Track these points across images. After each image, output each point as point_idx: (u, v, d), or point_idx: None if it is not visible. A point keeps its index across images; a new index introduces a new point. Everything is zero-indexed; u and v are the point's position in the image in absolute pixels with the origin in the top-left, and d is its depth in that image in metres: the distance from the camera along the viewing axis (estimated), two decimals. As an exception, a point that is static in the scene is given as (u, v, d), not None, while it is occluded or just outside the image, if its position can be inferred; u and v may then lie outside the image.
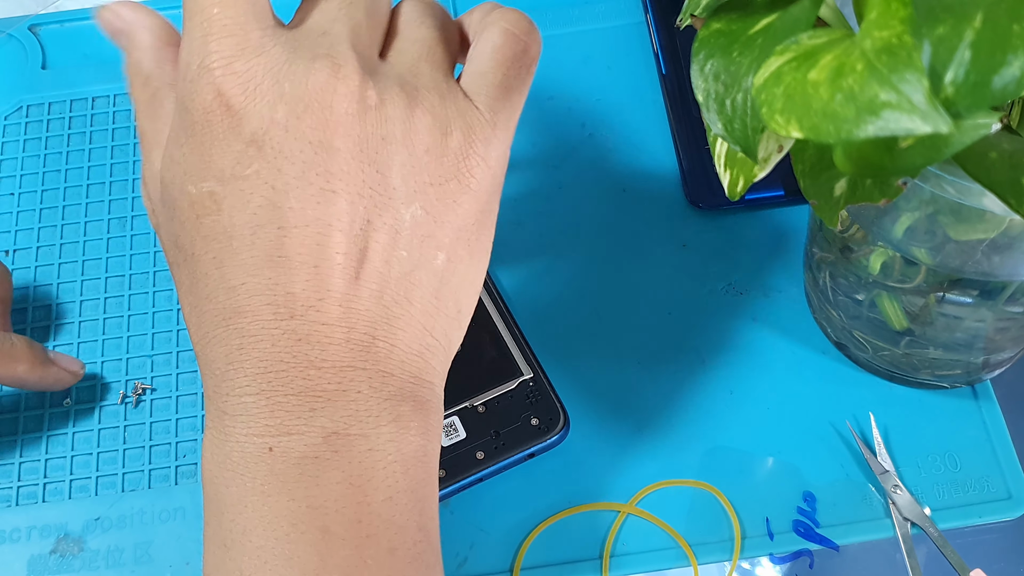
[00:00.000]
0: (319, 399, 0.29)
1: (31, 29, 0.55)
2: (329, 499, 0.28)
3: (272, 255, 0.28)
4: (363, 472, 0.29)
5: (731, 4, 0.28)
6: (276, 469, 0.28)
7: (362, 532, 0.28)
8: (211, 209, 0.29)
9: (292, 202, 0.28)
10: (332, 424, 0.28)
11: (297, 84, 0.28)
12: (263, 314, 0.28)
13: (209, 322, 0.29)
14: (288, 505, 0.28)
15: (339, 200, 0.28)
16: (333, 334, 0.29)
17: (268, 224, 0.28)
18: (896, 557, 0.40)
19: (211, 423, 0.30)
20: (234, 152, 0.28)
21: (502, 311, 0.44)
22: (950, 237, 0.33)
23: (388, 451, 0.29)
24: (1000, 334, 0.39)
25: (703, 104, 0.27)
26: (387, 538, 0.29)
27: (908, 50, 0.20)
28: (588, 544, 0.41)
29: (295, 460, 0.28)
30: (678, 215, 0.48)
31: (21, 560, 0.41)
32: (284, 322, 0.28)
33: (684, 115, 0.50)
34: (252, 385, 0.29)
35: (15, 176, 0.50)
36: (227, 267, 0.29)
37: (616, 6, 0.54)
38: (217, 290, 0.29)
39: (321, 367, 0.29)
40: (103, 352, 0.46)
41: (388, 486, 0.29)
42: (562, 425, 0.41)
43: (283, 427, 0.28)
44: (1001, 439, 0.42)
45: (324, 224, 0.28)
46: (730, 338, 0.45)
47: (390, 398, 0.29)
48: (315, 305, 0.28)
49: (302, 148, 0.28)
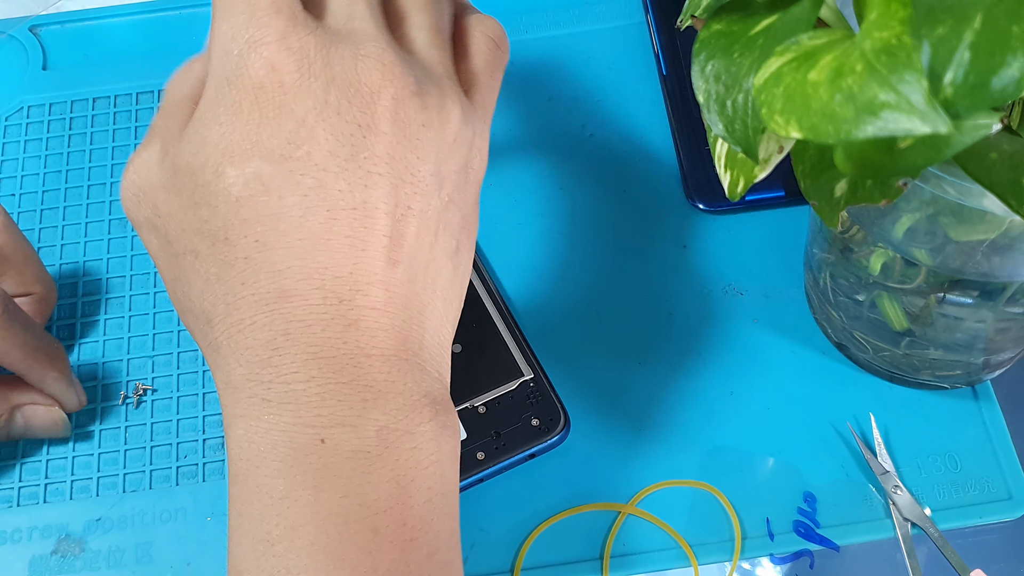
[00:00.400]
0: (371, 390, 0.28)
1: (32, 30, 0.55)
2: (380, 498, 0.27)
3: (321, 237, 0.28)
4: (408, 471, 0.28)
5: (732, 5, 0.28)
6: (328, 462, 0.27)
7: (406, 535, 0.28)
8: (256, 190, 0.28)
9: (342, 184, 0.28)
10: (384, 418, 0.28)
11: (347, 67, 0.28)
12: (312, 298, 0.28)
13: (247, 307, 0.28)
14: (340, 502, 0.27)
15: (384, 183, 0.28)
16: (380, 320, 0.28)
17: (318, 206, 0.28)
18: (896, 557, 0.40)
19: (246, 411, 0.28)
20: (285, 131, 0.28)
21: (502, 311, 0.44)
22: (950, 238, 0.33)
23: (430, 450, 0.29)
24: (1000, 335, 0.39)
25: (704, 105, 0.27)
26: (426, 542, 0.28)
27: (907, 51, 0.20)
28: (588, 544, 0.41)
29: (347, 454, 0.27)
30: (678, 215, 0.48)
31: (22, 560, 0.41)
32: (333, 307, 0.28)
33: (684, 116, 0.50)
34: (301, 372, 0.28)
35: (16, 177, 0.50)
36: (272, 250, 0.28)
37: (617, 7, 0.54)
38: (259, 274, 0.28)
39: (371, 355, 0.28)
40: (104, 353, 0.46)
41: (428, 488, 0.28)
42: (562, 425, 0.41)
43: (336, 417, 0.27)
44: (1001, 439, 0.42)
45: (371, 207, 0.28)
46: (730, 338, 0.45)
47: (427, 394, 0.29)
48: (363, 289, 0.28)
49: (352, 131, 0.28)
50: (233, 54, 0.28)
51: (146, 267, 0.48)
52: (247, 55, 0.28)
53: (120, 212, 0.49)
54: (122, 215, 0.49)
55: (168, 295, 0.32)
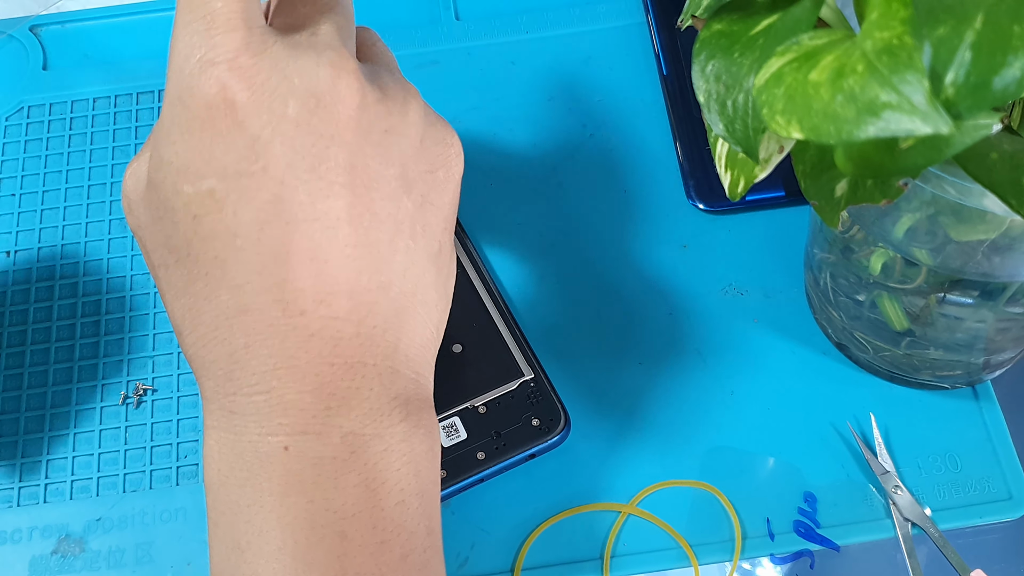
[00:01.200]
0: (334, 397, 0.28)
1: (32, 30, 0.55)
2: (347, 502, 0.28)
3: (280, 251, 0.28)
4: (378, 475, 0.28)
5: (732, 5, 0.28)
6: (293, 469, 0.28)
7: (377, 538, 0.28)
8: (211, 208, 0.28)
9: (302, 196, 0.28)
10: (349, 424, 0.28)
11: (307, 79, 0.28)
12: (271, 311, 0.28)
13: (209, 322, 0.28)
14: (307, 507, 0.27)
15: (347, 193, 0.28)
16: (344, 329, 0.28)
17: (275, 220, 0.28)
18: (897, 557, 0.40)
19: (215, 423, 0.29)
20: (239, 148, 0.27)
21: (502, 311, 0.44)
22: (951, 238, 0.33)
23: (402, 451, 0.29)
24: (1001, 335, 0.39)
25: (704, 105, 0.27)
26: (399, 544, 0.28)
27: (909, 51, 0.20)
28: (589, 544, 0.41)
29: (312, 460, 0.28)
30: (679, 215, 0.48)
31: (23, 561, 0.41)
32: (294, 318, 0.28)
33: (685, 116, 0.50)
34: (262, 383, 0.28)
35: (16, 177, 0.50)
36: (231, 265, 0.28)
37: (617, 7, 0.54)
38: (219, 289, 0.28)
39: (334, 363, 0.28)
40: (104, 352, 0.46)
41: (400, 489, 0.29)
42: (563, 425, 0.41)
43: (298, 426, 0.28)
44: (1002, 440, 0.42)
45: (333, 217, 0.28)
46: (731, 338, 0.45)
47: (398, 396, 0.29)
48: (325, 300, 0.28)
49: (314, 142, 0.28)
50: (185, 73, 0.28)
51: (145, 267, 0.48)
52: (198, 75, 0.28)
53: (120, 212, 0.49)
54: (122, 215, 0.49)
55: None
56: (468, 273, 0.45)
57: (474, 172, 0.49)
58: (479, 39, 0.53)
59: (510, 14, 0.54)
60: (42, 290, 0.47)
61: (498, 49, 0.53)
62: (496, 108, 0.51)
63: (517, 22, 0.54)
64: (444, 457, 0.41)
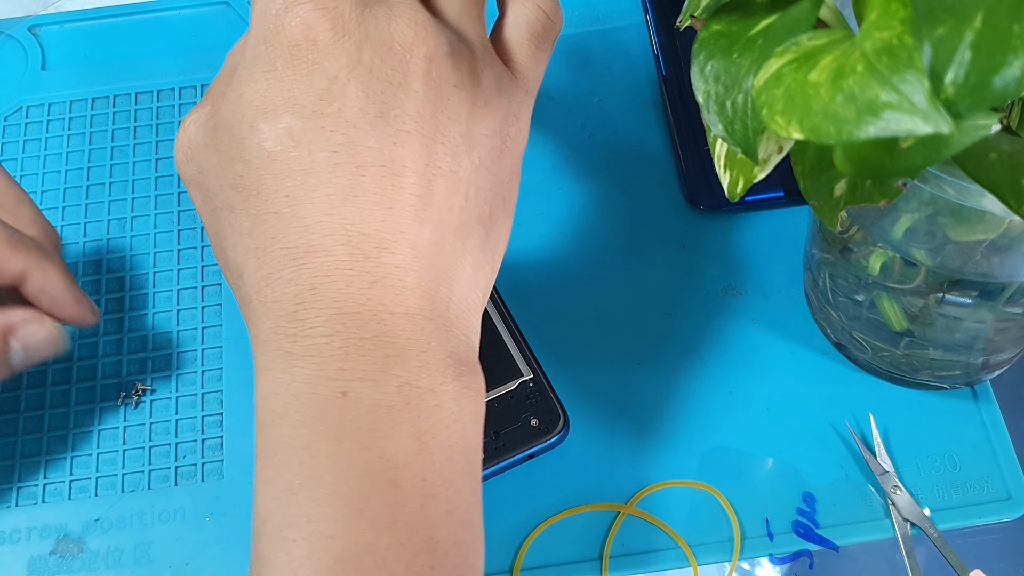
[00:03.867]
0: (393, 346, 0.28)
1: (31, 30, 0.55)
2: (400, 452, 0.28)
3: (348, 194, 0.28)
4: (430, 428, 0.28)
5: (731, 5, 0.28)
6: (349, 415, 0.28)
7: (426, 491, 0.28)
8: (288, 145, 0.28)
9: (371, 141, 0.28)
10: (406, 374, 0.28)
11: (380, 27, 0.29)
12: (338, 253, 0.28)
13: (276, 261, 0.29)
14: (361, 454, 0.27)
15: (414, 142, 0.29)
16: (406, 278, 0.29)
17: (347, 162, 0.28)
18: (896, 558, 0.40)
19: (272, 364, 0.29)
20: (317, 89, 0.28)
21: (502, 312, 0.44)
22: (950, 238, 0.33)
23: (452, 409, 0.29)
24: (1000, 335, 0.39)
25: (703, 105, 0.27)
26: (447, 499, 0.28)
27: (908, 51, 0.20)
28: (588, 544, 0.41)
29: (368, 407, 0.28)
30: (678, 216, 0.48)
31: (21, 561, 0.41)
32: (359, 263, 0.28)
33: (684, 116, 0.50)
34: (325, 326, 0.28)
35: (15, 177, 0.50)
36: (301, 205, 0.28)
37: (616, 7, 0.54)
38: (288, 228, 0.29)
39: (395, 312, 0.28)
40: (103, 352, 0.46)
41: (449, 446, 0.29)
42: (562, 426, 0.41)
43: (358, 372, 0.28)
44: (1001, 440, 0.42)
45: (400, 165, 0.29)
46: (730, 339, 0.45)
47: (451, 355, 0.29)
48: (389, 247, 0.28)
49: (383, 88, 0.29)
50: (271, 14, 0.29)
51: (145, 267, 0.48)
52: (283, 14, 0.29)
53: (119, 213, 0.49)
54: (121, 216, 0.49)
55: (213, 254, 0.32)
56: (467, 273, 0.45)
57: (473, 172, 0.49)
58: (478, 39, 0.53)
59: (509, 14, 0.54)
60: (41, 290, 0.47)
61: (497, 49, 0.53)
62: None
63: (516, 22, 0.54)
64: (443, 457, 0.41)
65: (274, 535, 0.28)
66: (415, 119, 0.29)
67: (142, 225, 0.49)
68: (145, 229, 0.49)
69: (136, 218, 0.49)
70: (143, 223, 0.49)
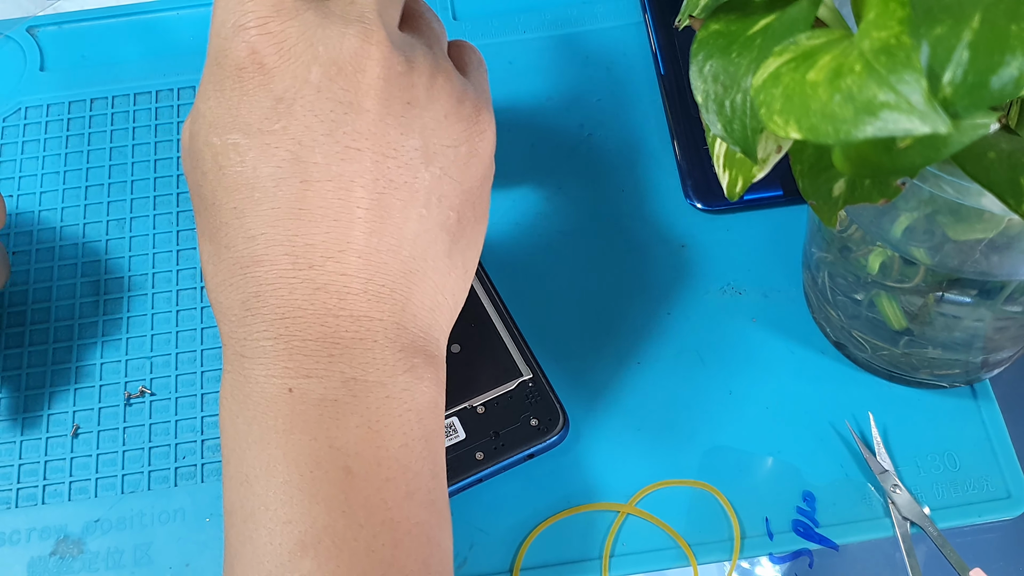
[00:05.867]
0: (337, 346, 0.30)
1: (29, 31, 0.55)
2: (351, 441, 0.29)
3: (293, 207, 0.30)
4: (381, 418, 0.30)
5: (730, 5, 0.28)
6: (297, 409, 0.29)
7: (382, 475, 0.29)
8: (234, 160, 0.30)
9: (317, 157, 0.30)
10: (351, 370, 0.30)
11: (331, 47, 0.30)
12: (281, 263, 0.30)
13: (227, 269, 0.30)
14: (311, 444, 0.29)
15: (364, 158, 0.30)
16: (351, 284, 0.30)
17: (291, 177, 0.30)
18: (896, 556, 0.40)
19: (230, 367, 0.31)
20: (263, 108, 0.30)
21: (501, 312, 0.44)
22: (949, 237, 0.33)
23: (404, 399, 0.30)
24: (999, 333, 0.39)
25: (702, 105, 0.27)
26: (404, 482, 0.30)
27: (906, 51, 0.20)
28: (588, 544, 0.41)
29: (315, 401, 0.29)
30: (677, 215, 0.48)
31: (21, 562, 0.41)
32: (302, 271, 0.30)
33: (683, 116, 0.50)
34: (270, 330, 0.30)
35: (13, 178, 0.50)
36: (248, 217, 0.30)
37: (615, 7, 0.54)
38: (236, 239, 0.30)
39: (339, 315, 0.30)
40: (102, 354, 0.46)
41: (404, 433, 0.30)
42: (561, 425, 0.41)
43: (302, 370, 0.30)
44: (1000, 438, 0.42)
45: (347, 180, 0.30)
46: (729, 338, 0.45)
47: (404, 349, 0.31)
48: (335, 256, 0.30)
49: (332, 108, 0.30)
50: (221, 37, 0.30)
51: (144, 268, 0.48)
52: (232, 39, 0.30)
53: (117, 214, 0.49)
54: (120, 217, 0.49)
55: None
56: (466, 273, 0.45)
57: (472, 172, 0.49)
58: (477, 39, 0.53)
59: (508, 14, 0.54)
60: (40, 291, 0.47)
61: (496, 49, 0.53)
62: (494, 108, 0.51)
63: (515, 22, 0.54)
64: (443, 457, 0.41)
65: (239, 527, 0.30)
66: (366, 136, 0.30)
67: (141, 226, 0.49)
68: (144, 230, 0.49)
69: (135, 219, 0.49)
70: (142, 224, 0.49)
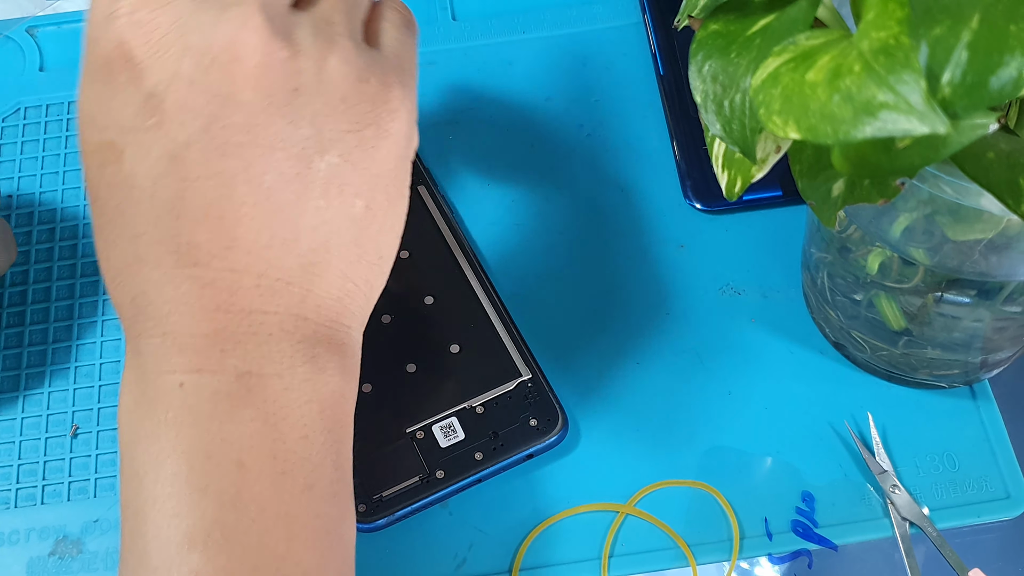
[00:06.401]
0: (228, 341, 0.29)
1: (29, 31, 0.55)
2: (243, 435, 0.29)
3: (174, 206, 0.28)
4: (278, 411, 0.29)
5: (729, 5, 0.28)
6: (188, 403, 0.29)
7: (277, 468, 0.29)
8: (111, 159, 0.29)
9: (195, 154, 0.28)
10: (244, 364, 0.29)
11: (204, 36, 0.28)
12: (166, 262, 0.29)
13: (115, 267, 0.30)
14: (202, 437, 0.28)
15: (246, 152, 0.28)
16: (242, 280, 0.29)
17: (168, 176, 0.28)
18: (895, 557, 0.40)
19: (128, 362, 0.30)
20: (134, 104, 0.28)
21: (500, 312, 0.44)
22: (948, 237, 0.33)
23: (304, 391, 0.30)
24: (998, 334, 0.39)
25: (701, 105, 0.27)
26: (303, 475, 0.29)
27: (905, 51, 0.20)
28: (587, 545, 0.41)
29: (207, 396, 0.29)
30: (676, 215, 0.48)
31: (20, 562, 0.41)
32: (187, 269, 0.29)
33: (682, 116, 0.50)
34: (159, 327, 0.29)
35: (13, 178, 0.50)
36: (128, 216, 0.29)
37: (614, 7, 0.54)
38: (121, 237, 0.29)
39: (229, 311, 0.29)
40: (101, 354, 0.46)
41: (304, 424, 0.30)
42: (561, 426, 0.41)
43: (192, 365, 0.29)
44: (999, 439, 0.42)
45: (229, 176, 0.28)
46: (728, 338, 0.45)
47: (304, 340, 0.30)
48: (220, 254, 0.29)
49: (207, 101, 0.28)
50: (92, 28, 0.29)
51: (143, 268, 0.48)
52: (100, 29, 0.28)
53: (117, 213, 0.49)
54: (119, 216, 0.49)
55: None
56: (466, 274, 0.45)
57: (471, 172, 0.49)
58: (476, 39, 0.53)
59: (507, 14, 0.54)
60: (39, 292, 0.47)
61: (495, 49, 0.53)
62: (493, 108, 0.51)
63: (514, 22, 0.54)
64: (442, 457, 0.41)
65: (130, 522, 0.30)
66: (246, 130, 0.28)
67: (140, 226, 0.49)
68: (143, 230, 0.49)
69: (134, 219, 0.49)
70: (141, 224, 0.49)
